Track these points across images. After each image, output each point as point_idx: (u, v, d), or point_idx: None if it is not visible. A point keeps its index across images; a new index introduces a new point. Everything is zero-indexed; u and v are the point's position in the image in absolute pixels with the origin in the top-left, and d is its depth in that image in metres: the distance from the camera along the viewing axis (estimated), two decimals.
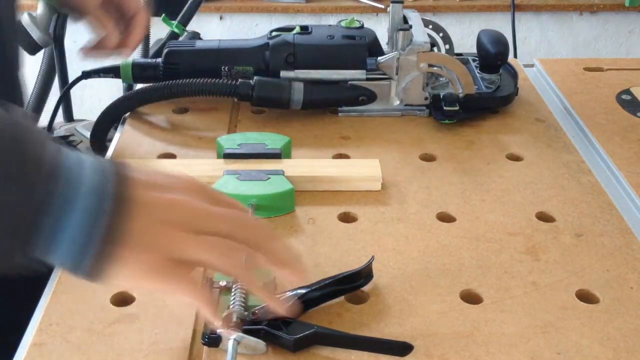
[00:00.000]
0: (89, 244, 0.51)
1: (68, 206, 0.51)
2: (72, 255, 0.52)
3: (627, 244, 0.77)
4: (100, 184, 0.52)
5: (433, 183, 0.87)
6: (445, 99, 0.99)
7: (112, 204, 0.52)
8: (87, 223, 0.51)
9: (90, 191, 0.51)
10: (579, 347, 0.64)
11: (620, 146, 0.94)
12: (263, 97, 0.98)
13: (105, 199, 0.52)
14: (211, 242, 0.56)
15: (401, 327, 0.65)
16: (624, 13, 2.66)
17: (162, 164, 0.90)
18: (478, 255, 0.75)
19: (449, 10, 2.59)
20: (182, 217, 0.55)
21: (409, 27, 0.98)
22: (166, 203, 0.55)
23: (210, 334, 0.62)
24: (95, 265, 0.52)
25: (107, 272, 0.53)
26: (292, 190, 0.81)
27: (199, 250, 0.56)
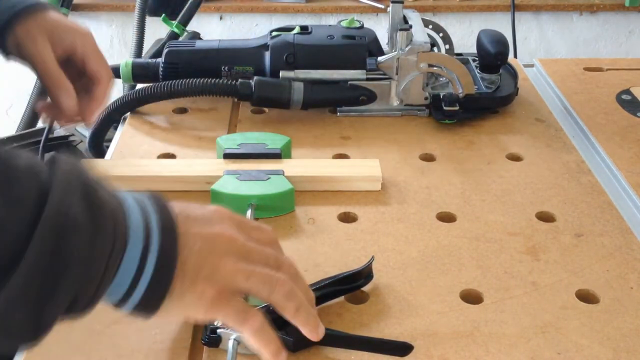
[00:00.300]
0: (141, 281, 0.52)
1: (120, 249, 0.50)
2: (123, 293, 0.52)
3: (627, 244, 0.77)
4: (144, 221, 0.52)
5: (433, 183, 0.87)
6: (445, 99, 0.99)
7: (163, 236, 0.52)
8: (139, 261, 0.51)
9: (137, 229, 0.51)
10: (579, 347, 0.64)
11: (620, 146, 0.94)
12: (263, 97, 0.98)
13: (153, 235, 0.52)
14: (259, 272, 0.57)
15: (401, 327, 0.65)
16: (624, 13, 2.66)
17: (163, 164, 0.90)
18: (478, 255, 0.75)
19: (449, 10, 2.59)
20: (227, 249, 0.57)
21: (409, 27, 0.98)
22: (210, 236, 0.56)
23: (210, 334, 0.62)
24: (149, 301, 0.53)
25: (161, 306, 0.53)
26: (292, 190, 0.81)
27: (249, 280, 0.57)
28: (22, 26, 0.80)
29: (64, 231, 0.45)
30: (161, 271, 0.52)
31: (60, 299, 0.47)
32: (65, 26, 0.82)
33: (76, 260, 0.46)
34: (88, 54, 0.83)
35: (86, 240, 0.47)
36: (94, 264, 0.48)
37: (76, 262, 0.46)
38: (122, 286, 0.51)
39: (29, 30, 0.80)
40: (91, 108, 0.84)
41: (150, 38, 1.84)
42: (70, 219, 0.46)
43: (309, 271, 0.72)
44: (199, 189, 0.84)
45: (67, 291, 0.47)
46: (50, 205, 0.45)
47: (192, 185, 0.85)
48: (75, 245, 0.46)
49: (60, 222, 0.45)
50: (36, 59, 0.80)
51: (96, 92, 0.84)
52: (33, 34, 0.80)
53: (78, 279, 0.47)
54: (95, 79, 0.84)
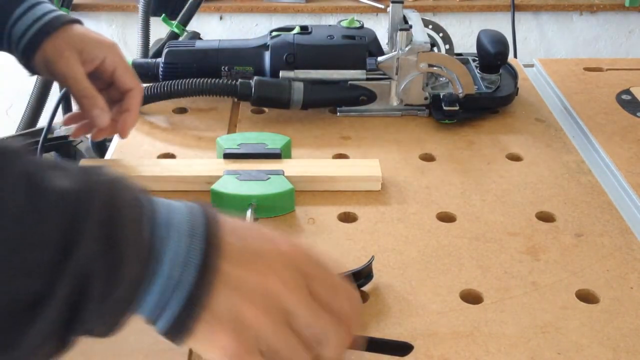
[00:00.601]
0: (167, 311, 0.48)
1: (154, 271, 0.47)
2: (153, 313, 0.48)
3: (627, 244, 0.77)
4: (186, 251, 0.47)
5: (433, 183, 0.87)
6: (445, 99, 0.99)
7: (196, 274, 0.47)
8: (168, 289, 0.47)
9: (174, 258, 0.47)
10: (579, 347, 0.64)
11: (620, 146, 0.94)
12: (263, 97, 0.98)
13: (189, 267, 0.47)
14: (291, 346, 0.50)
15: (401, 327, 0.65)
16: (624, 13, 2.66)
17: (163, 164, 0.90)
18: (478, 255, 0.75)
19: (449, 10, 2.59)
20: (267, 304, 0.49)
21: (409, 27, 0.98)
22: (254, 285, 0.49)
23: None
24: (172, 330, 0.49)
25: (182, 340, 0.49)
26: (292, 190, 0.81)
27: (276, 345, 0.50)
28: (51, 43, 0.79)
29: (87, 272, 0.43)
30: (185, 315, 0.48)
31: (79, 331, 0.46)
32: (94, 40, 0.82)
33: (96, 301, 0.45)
34: (118, 67, 0.83)
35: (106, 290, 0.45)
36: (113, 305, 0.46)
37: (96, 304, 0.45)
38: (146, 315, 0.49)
39: (57, 47, 0.79)
40: (126, 121, 0.84)
41: (151, 38, 1.84)
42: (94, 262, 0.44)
43: None
44: (199, 189, 0.84)
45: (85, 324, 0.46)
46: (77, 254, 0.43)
47: (192, 185, 0.85)
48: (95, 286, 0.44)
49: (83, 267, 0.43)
50: (68, 76, 0.80)
51: (129, 105, 0.84)
52: (62, 50, 0.79)
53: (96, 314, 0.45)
54: (126, 91, 0.84)
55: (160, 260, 0.47)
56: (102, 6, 2.52)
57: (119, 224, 0.45)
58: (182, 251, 0.47)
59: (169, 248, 0.47)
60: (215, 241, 0.48)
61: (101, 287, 0.44)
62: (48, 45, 0.79)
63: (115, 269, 0.45)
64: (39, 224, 0.42)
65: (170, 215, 0.48)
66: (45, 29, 0.79)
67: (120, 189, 0.47)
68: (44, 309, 0.42)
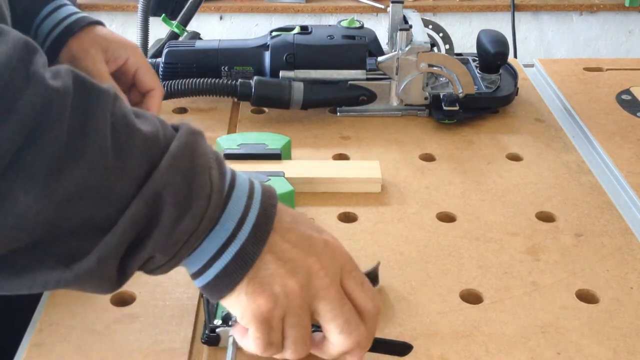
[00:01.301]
0: (213, 267, 0.53)
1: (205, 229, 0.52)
2: (205, 261, 0.53)
3: (627, 244, 0.77)
4: (244, 212, 0.53)
5: (433, 183, 0.87)
6: (445, 99, 0.99)
7: (250, 233, 0.52)
8: (218, 248, 0.52)
9: (232, 217, 0.52)
10: (579, 347, 0.64)
11: (620, 146, 0.94)
12: (263, 97, 0.98)
13: (245, 225, 0.52)
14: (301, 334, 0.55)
15: (401, 327, 0.65)
16: (624, 13, 2.66)
17: None
18: (478, 255, 0.75)
19: (449, 10, 2.59)
20: (307, 281, 0.54)
21: (409, 27, 0.98)
22: (297, 259, 0.54)
23: (209, 333, 0.62)
24: (216, 287, 0.53)
25: (222, 295, 0.54)
26: (292, 191, 0.81)
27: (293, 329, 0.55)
28: (77, 41, 0.82)
29: (159, 202, 0.48)
30: (234, 266, 0.52)
31: (140, 257, 0.50)
32: (117, 41, 0.84)
33: (161, 227, 0.49)
34: (140, 67, 0.85)
35: (175, 214, 0.49)
36: (175, 235, 0.50)
37: (160, 229, 0.49)
38: (198, 264, 0.53)
39: (83, 46, 0.82)
40: None
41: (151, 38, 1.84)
42: (167, 192, 0.49)
43: None
44: None
45: (147, 251, 0.50)
46: (153, 180, 0.48)
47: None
48: (165, 215, 0.49)
49: (158, 193, 0.48)
50: (93, 73, 0.81)
51: (150, 104, 0.86)
52: (88, 48, 0.82)
53: (158, 243, 0.49)
54: (147, 91, 0.86)
55: (223, 209, 0.52)
56: (102, 6, 2.52)
57: (193, 165, 0.50)
58: (240, 208, 0.52)
59: (232, 201, 0.52)
60: (270, 210, 0.54)
61: (171, 213, 0.49)
62: (74, 43, 0.81)
63: (186, 199, 0.49)
64: (127, 159, 0.48)
65: (234, 175, 0.54)
66: (71, 28, 0.82)
67: (195, 140, 0.52)
68: (114, 232, 0.47)
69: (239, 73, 1.01)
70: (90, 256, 0.47)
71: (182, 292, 0.69)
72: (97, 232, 0.48)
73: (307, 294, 0.55)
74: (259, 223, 0.53)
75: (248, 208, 0.53)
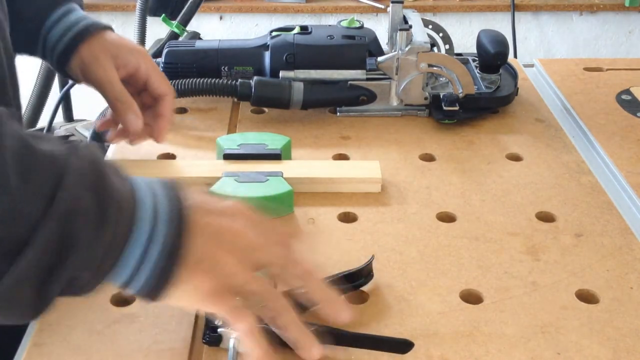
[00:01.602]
0: (144, 269, 0.53)
1: (124, 235, 0.52)
2: (127, 277, 0.53)
3: (627, 244, 0.77)
4: (154, 210, 0.53)
5: (433, 183, 0.87)
6: (445, 99, 0.99)
7: (170, 226, 0.53)
8: (143, 249, 0.53)
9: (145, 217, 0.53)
10: (579, 347, 0.64)
11: (620, 146, 0.94)
12: (263, 97, 0.98)
13: (159, 224, 0.53)
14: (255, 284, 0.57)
15: (401, 327, 0.65)
16: (624, 13, 2.66)
17: (162, 165, 0.90)
18: (478, 255, 0.75)
19: (449, 10, 2.59)
20: (237, 245, 0.57)
21: (409, 27, 0.98)
22: (222, 230, 0.56)
23: (211, 333, 0.62)
24: (153, 288, 0.54)
25: (165, 293, 0.54)
26: (291, 191, 0.81)
27: (252, 285, 0.57)
28: (87, 47, 0.81)
29: (72, 218, 0.49)
30: (164, 261, 0.53)
31: (62, 278, 0.50)
32: (127, 47, 0.83)
33: (81, 244, 0.49)
34: (151, 73, 0.84)
35: (92, 227, 0.49)
36: (97, 248, 0.50)
37: (81, 246, 0.49)
38: (126, 270, 0.53)
39: (93, 52, 0.81)
40: (160, 126, 0.85)
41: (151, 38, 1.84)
42: (79, 207, 0.49)
43: None
44: None
45: (69, 272, 0.50)
46: (62, 193, 0.48)
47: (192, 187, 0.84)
48: (81, 230, 0.49)
49: (70, 210, 0.48)
50: (103, 81, 0.81)
51: (163, 110, 0.85)
52: (98, 55, 0.81)
53: (80, 261, 0.50)
54: (160, 96, 0.85)
55: (134, 212, 0.53)
56: (102, 6, 2.52)
57: (97, 177, 0.51)
58: (149, 207, 0.53)
59: (139, 203, 0.53)
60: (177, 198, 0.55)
61: (87, 228, 0.49)
62: (84, 49, 0.81)
63: (98, 212, 0.50)
64: (31, 180, 0.48)
65: (131, 178, 0.55)
66: (81, 34, 0.81)
67: (93, 152, 0.53)
68: (26, 254, 0.47)
69: (239, 73, 1.01)
70: (2, 282, 0.47)
71: None
72: (9, 257, 0.47)
73: (242, 255, 0.56)
74: (172, 217, 0.53)
75: (157, 205, 0.53)
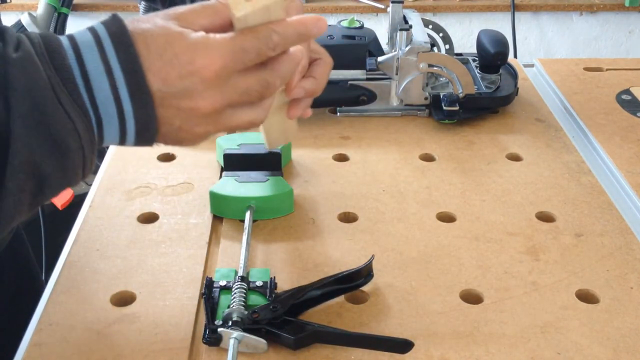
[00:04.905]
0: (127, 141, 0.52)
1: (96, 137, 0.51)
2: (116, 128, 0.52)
3: (627, 244, 0.77)
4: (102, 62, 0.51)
5: (433, 183, 0.87)
6: (445, 99, 0.99)
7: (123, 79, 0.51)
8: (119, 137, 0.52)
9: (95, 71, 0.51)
10: (579, 347, 0.64)
11: (620, 146, 0.94)
12: None
13: (114, 74, 0.51)
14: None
15: (401, 327, 0.66)
16: (624, 13, 2.66)
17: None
18: (478, 255, 0.75)
19: (449, 10, 2.59)
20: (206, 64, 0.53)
21: (409, 27, 0.98)
22: (189, 109, 0.54)
23: (211, 333, 0.62)
24: (141, 131, 0.52)
25: (153, 135, 0.53)
26: (291, 191, 0.81)
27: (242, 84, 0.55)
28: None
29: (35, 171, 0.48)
30: (141, 127, 0.52)
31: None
32: None
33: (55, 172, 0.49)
34: None
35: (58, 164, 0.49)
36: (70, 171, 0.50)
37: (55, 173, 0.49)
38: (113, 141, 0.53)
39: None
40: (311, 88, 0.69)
41: None
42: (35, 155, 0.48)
43: (309, 271, 0.72)
44: None
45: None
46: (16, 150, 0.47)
47: None
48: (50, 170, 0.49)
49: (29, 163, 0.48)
50: None
51: (319, 73, 0.71)
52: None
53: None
54: (314, 60, 0.73)
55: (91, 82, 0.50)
56: (102, 6, 2.52)
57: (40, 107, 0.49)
58: (98, 64, 0.50)
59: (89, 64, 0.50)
60: (128, 50, 0.51)
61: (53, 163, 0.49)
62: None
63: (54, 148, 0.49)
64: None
65: (76, 43, 0.52)
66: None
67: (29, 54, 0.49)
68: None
69: None
70: None
71: (182, 292, 0.69)
72: None
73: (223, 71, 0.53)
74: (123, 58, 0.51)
75: (103, 59, 0.51)
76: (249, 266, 0.72)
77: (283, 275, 0.71)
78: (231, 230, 0.78)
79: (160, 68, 0.51)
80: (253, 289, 0.68)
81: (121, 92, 0.51)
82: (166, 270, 0.72)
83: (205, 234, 0.77)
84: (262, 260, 0.74)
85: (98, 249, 0.75)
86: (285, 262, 0.73)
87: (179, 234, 0.77)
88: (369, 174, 0.88)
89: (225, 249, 0.75)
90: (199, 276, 0.71)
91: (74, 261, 0.73)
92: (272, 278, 0.69)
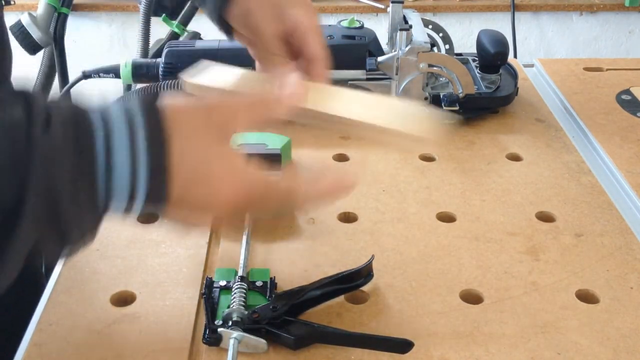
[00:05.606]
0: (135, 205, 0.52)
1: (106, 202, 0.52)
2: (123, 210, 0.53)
3: (627, 244, 0.77)
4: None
5: (433, 183, 0.87)
6: (445, 99, 0.99)
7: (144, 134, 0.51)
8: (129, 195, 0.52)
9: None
10: (579, 347, 0.64)
11: (620, 146, 0.94)
12: None
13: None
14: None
15: (401, 327, 0.65)
16: (624, 13, 2.66)
17: None
18: (478, 255, 0.75)
19: (449, 10, 2.59)
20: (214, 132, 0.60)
21: (409, 27, 0.98)
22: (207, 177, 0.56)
23: (211, 333, 0.62)
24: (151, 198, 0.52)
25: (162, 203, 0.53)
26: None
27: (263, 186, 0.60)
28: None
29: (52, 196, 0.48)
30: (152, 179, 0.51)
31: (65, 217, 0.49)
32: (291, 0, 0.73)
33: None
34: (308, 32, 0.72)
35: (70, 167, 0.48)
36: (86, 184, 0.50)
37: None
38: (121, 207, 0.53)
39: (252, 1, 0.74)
40: None
41: (151, 38, 1.84)
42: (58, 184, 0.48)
43: (309, 271, 0.72)
44: None
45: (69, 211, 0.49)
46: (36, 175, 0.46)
47: None
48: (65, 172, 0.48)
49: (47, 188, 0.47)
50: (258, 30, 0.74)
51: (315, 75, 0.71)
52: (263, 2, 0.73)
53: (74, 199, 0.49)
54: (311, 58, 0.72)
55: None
56: (102, 6, 2.52)
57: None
58: (125, 158, 0.50)
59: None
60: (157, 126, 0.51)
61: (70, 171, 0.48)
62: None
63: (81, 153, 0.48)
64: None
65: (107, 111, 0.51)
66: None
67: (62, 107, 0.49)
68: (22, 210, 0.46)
69: None
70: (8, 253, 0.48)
71: (182, 292, 0.69)
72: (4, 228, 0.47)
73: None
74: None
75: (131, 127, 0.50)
76: (249, 266, 0.72)
77: (283, 275, 0.71)
78: (231, 230, 0.78)
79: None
80: (253, 289, 0.68)
81: (138, 192, 0.51)
82: (166, 270, 0.72)
83: (205, 234, 0.77)
84: (262, 260, 0.74)
85: (98, 249, 0.75)
86: (285, 262, 0.73)
87: (179, 234, 0.77)
88: (369, 174, 0.88)
89: (225, 249, 0.75)
90: (199, 276, 0.71)
91: (74, 261, 0.73)
92: (272, 278, 0.69)
